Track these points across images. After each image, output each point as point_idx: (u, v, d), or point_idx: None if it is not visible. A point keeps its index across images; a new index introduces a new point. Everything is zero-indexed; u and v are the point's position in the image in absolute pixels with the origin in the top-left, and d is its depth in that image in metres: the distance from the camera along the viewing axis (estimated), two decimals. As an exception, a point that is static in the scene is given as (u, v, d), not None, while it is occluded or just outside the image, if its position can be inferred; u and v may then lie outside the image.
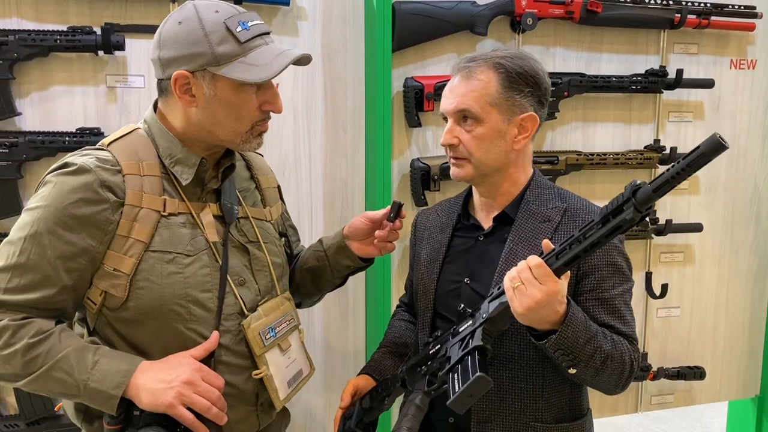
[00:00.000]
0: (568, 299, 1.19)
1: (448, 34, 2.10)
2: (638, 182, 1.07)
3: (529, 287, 1.14)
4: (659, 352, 2.49)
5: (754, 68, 2.44)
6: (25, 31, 1.82)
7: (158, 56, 1.23)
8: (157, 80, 1.27)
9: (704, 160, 0.98)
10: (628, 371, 1.30)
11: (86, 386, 1.13)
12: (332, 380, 2.22)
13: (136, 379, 1.14)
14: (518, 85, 1.35)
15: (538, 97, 1.37)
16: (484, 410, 1.36)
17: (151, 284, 1.21)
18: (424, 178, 2.12)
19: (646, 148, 2.35)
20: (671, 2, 2.25)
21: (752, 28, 2.36)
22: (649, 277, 2.41)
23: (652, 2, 2.24)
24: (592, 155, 2.26)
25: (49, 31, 1.83)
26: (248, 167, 1.47)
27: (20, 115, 1.87)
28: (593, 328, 1.24)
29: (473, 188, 1.49)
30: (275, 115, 1.30)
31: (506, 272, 1.19)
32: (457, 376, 1.18)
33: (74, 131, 1.87)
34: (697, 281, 2.50)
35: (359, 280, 2.13)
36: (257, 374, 1.29)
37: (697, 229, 2.42)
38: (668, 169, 1.02)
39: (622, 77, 2.26)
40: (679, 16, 2.25)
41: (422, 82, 2.08)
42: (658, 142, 2.35)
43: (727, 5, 2.32)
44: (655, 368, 2.44)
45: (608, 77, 2.24)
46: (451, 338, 1.30)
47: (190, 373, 1.16)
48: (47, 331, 1.16)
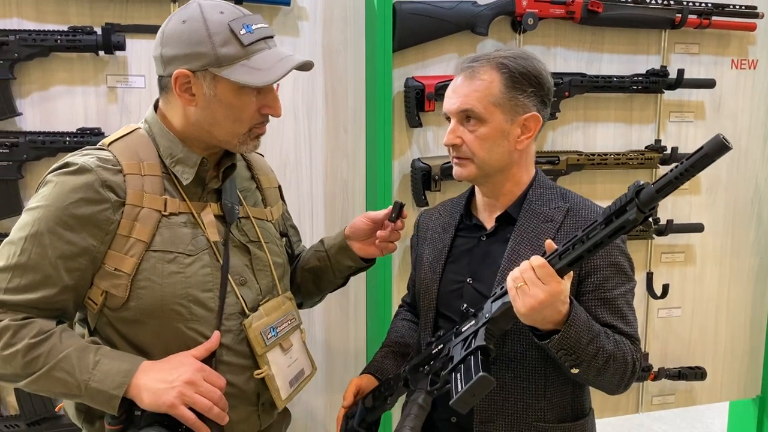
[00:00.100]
0: (570, 299, 1.19)
1: (448, 34, 2.10)
2: (641, 183, 1.06)
3: (532, 287, 1.13)
4: (660, 352, 2.48)
5: (755, 68, 2.44)
6: (25, 31, 1.82)
7: (160, 53, 1.23)
8: (158, 77, 1.27)
9: (708, 160, 0.98)
10: (630, 371, 1.30)
11: (87, 386, 1.13)
12: (333, 380, 2.22)
13: (137, 379, 1.14)
14: (521, 85, 1.35)
15: (541, 97, 1.37)
16: (486, 410, 1.36)
17: (152, 284, 1.21)
18: (425, 178, 2.11)
19: (647, 148, 2.34)
20: (672, 2, 2.25)
21: (753, 28, 2.36)
22: (650, 277, 2.41)
23: (653, 2, 2.24)
24: (593, 155, 2.26)
25: (49, 31, 1.83)
26: (249, 167, 1.47)
27: (21, 115, 1.87)
28: (596, 328, 1.24)
29: (476, 188, 1.49)
30: (276, 116, 1.30)
31: (509, 272, 1.19)
32: (460, 375, 1.18)
33: (75, 131, 1.87)
34: (698, 281, 2.50)
35: (360, 280, 2.13)
36: (259, 374, 1.29)
37: (698, 229, 2.42)
38: (672, 169, 1.02)
39: (623, 77, 2.26)
40: (680, 16, 2.24)
41: (423, 82, 2.07)
42: (659, 142, 2.35)
43: (728, 5, 2.32)
44: (656, 368, 2.44)
45: (609, 77, 2.24)
46: (453, 338, 1.30)
47: (191, 372, 1.16)
48: (48, 331, 1.16)
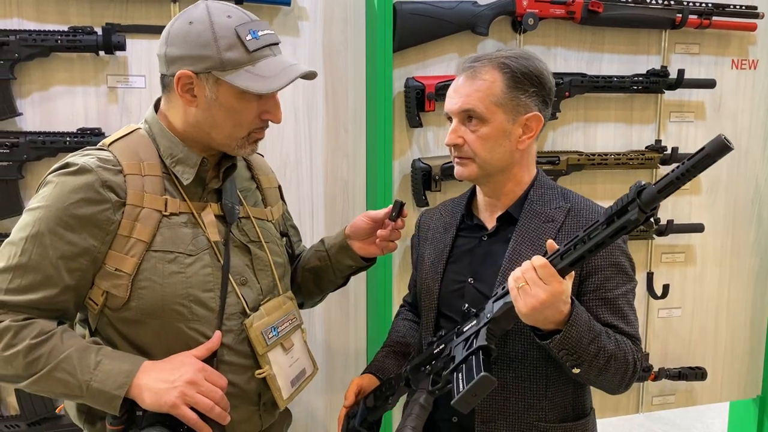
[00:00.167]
0: (572, 299, 1.19)
1: (449, 34, 2.10)
2: (643, 183, 1.06)
3: (533, 287, 1.13)
4: (660, 352, 2.48)
5: (755, 68, 2.44)
6: (26, 31, 1.82)
7: (164, 52, 1.23)
8: (160, 75, 1.27)
9: (709, 161, 0.98)
10: (631, 371, 1.30)
11: (89, 387, 1.13)
12: (333, 381, 2.22)
13: (138, 379, 1.14)
14: (523, 85, 1.35)
15: (542, 97, 1.37)
16: (487, 410, 1.36)
17: (152, 284, 1.21)
18: (425, 178, 2.11)
19: (647, 148, 2.34)
20: (672, 2, 2.25)
21: (754, 28, 2.36)
22: (650, 277, 2.41)
23: (653, 2, 2.24)
24: (593, 155, 2.26)
25: (50, 31, 1.83)
26: (249, 167, 1.47)
27: (21, 115, 1.87)
28: (597, 327, 1.24)
29: (477, 188, 1.49)
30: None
31: (510, 272, 1.19)
32: (461, 375, 1.18)
33: (75, 131, 1.87)
34: (698, 281, 2.49)
35: (360, 280, 2.13)
36: (260, 374, 1.29)
37: (698, 229, 2.42)
38: (673, 170, 1.02)
39: (623, 77, 2.26)
40: (680, 16, 2.24)
41: (423, 82, 2.07)
42: (659, 142, 2.35)
43: (728, 5, 2.32)
44: (656, 369, 2.44)
45: (609, 77, 2.24)
46: (455, 338, 1.30)
47: (193, 372, 1.15)
48: (49, 331, 1.16)
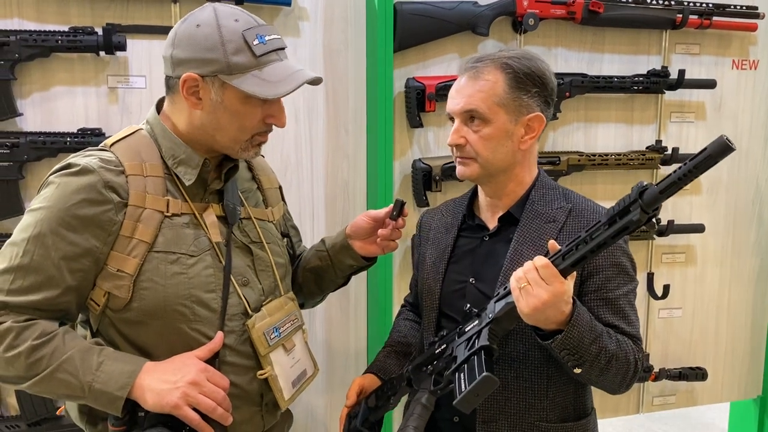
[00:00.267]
0: (573, 299, 1.19)
1: (449, 34, 2.10)
2: (645, 183, 1.07)
3: (535, 287, 1.13)
4: (661, 352, 2.48)
5: (756, 69, 2.44)
6: (26, 31, 1.81)
7: (171, 54, 1.22)
8: (165, 77, 1.27)
9: (711, 161, 0.98)
10: (632, 371, 1.30)
11: (91, 387, 1.13)
12: (334, 381, 2.21)
13: (140, 380, 1.14)
14: (525, 85, 1.35)
15: (544, 97, 1.38)
16: (489, 409, 1.36)
17: (154, 285, 1.20)
18: (425, 178, 2.11)
19: (647, 148, 2.34)
20: (673, 2, 2.25)
21: (754, 28, 2.36)
22: (651, 277, 2.41)
23: (653, 2, 2.24)
24: (593, 156, 2.26)
25: (50, 31, 1.83)
26: (250, 168, 1.47)
27: (21, 115, 1.86)
28: (598, 328, 1.24)
29: (478, 188, 1.49)
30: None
31: (511, 272, 1.20)
32: (463, 375, 1.19)
33: (75, 132, 1.87)
34: (699, 282, 2.49)
35: (361, 280, 2.13)
36: (262, 374, 1.29)
37: (699, 229, 2.42)
38: (675, 170, 1.02)
39: (623, 78, 2.26)
40: (680, 16, 2.24)
41: (424, 82, 2.07)
42: (659, 142, 2.35)
43: (729, 5, 2.32)
44: (656, 369, 2.44)
45: (610, 78, 2.24)
46: (457, 338, 1.30)
47: (195, 373, 1.15)
48: (51, 332, 1.16)
